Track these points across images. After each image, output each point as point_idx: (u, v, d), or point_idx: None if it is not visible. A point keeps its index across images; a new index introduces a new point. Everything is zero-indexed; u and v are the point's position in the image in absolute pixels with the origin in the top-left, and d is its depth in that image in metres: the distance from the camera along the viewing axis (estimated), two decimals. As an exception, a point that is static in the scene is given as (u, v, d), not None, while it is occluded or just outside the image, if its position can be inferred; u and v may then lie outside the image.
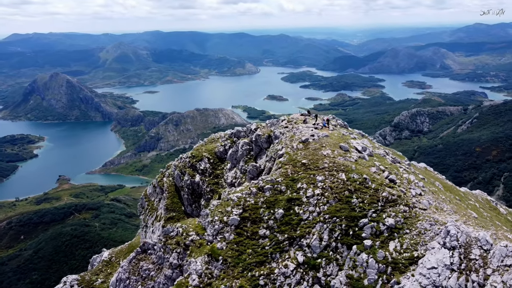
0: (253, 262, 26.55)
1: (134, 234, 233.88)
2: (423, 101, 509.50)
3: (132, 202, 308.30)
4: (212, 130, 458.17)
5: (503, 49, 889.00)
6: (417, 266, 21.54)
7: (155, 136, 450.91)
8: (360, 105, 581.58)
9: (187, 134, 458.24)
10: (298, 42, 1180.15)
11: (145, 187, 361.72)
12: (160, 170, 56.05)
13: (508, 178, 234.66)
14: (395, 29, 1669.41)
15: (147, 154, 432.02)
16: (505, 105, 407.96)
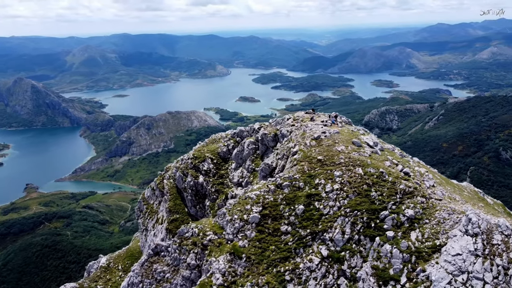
0: (277, 258, 26.80)
1: (108, 241, 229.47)
2: (391, 100, 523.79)
3: (105, 209, 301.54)
4: (185, 133, 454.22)
5: (464, 48, 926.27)
6: (441, 254, 22.34)
7: (126, 140, 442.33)
8: (331, 105, 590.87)
9: (159, 138, 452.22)
10: (268, 44, 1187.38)
11: (117, 193, 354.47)
12: (159, 172, 55.31)
13: (473, 172, 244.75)
14: (361, 30, 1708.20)
15: (119, 159, 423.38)
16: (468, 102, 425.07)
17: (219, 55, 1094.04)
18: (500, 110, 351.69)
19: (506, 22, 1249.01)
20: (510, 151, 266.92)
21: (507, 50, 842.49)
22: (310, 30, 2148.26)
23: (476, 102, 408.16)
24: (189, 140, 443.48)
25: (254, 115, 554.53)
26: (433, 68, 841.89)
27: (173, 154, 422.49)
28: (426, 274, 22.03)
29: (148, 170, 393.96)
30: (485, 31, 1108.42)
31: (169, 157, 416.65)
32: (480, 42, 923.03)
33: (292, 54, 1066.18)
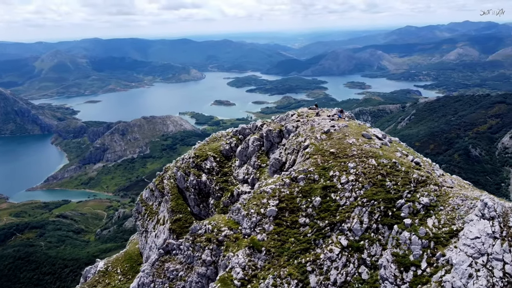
0: (298, 250, 27.04)
1: (84, 250, 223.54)
2: (364, 101, 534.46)
3: (79, 218, 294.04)
4: (160, 138, 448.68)
5: (432, 49, 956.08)
6: (458, 238, 23.09)
7: (100, 147, 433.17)
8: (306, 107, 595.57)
9: (135, 143, 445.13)
10: (242, 47, 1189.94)
11: (92, 201, 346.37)
12: (158, 173, 54.55)
13: (445, 169, 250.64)
14: (333, 33, 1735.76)
15: (93, 166, 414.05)
16: (438, 101, 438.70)
17: (193, 59, 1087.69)
18: (468, 109, 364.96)
19: (470, 25, 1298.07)
20: (479, 149, 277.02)
21: (472, 52, 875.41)
22: (283, 33, 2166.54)
23: (446, 102, 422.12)
24: (165, 145, 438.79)
25: (230, 119, 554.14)
26: (403, 70, 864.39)
27: (149, 159, 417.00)
28: (446, 258, 22.74)
29: (123, 177, 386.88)
30: (451, 33, 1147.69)
31: (145, 162, 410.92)
32: (447, 44, 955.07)
33: (266, 57, 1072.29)
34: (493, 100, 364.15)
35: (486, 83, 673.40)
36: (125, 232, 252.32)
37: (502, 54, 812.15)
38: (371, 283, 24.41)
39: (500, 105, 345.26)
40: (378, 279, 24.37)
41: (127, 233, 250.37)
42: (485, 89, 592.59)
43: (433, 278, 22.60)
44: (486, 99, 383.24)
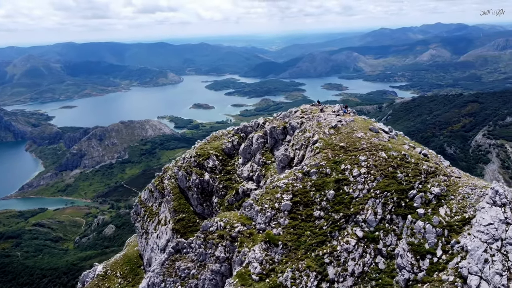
0: (314, 242, 27.31)
1: (63, 259, 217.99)
2: (342, 102, 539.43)
3: (57, 226, 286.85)
4: (139, 142, 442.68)
5: (406, 51, 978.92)
6: (471, 225, 23.83)
7: (77, 153, 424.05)
8: (285, 109, 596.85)
9: (113, 149, 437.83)
10: (219, 50, 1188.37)
11: (70, 208, 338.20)
12: (156, 173, 53.91)
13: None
14: (310, 35, 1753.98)
15: (70, 173, 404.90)
16: (413, 101, 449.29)
17: (170, 63, 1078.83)
18: (443, 108, 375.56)
19: (442, 26, 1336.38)
20: (454, 147, 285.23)
21: (445, 53, 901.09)
22: (260, 36, 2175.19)
23: (421, 102, 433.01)
24: (144, 150, 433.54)
25: (209, 122, 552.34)
26: (379, 71, 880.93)
27: (128, 164, 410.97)
28: (461, 245, 23.44)
29: (102, 183, 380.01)
30: (424, 35, 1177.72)
31: (123, 168, 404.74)
32: (420, 45, 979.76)
33: (244, 60, 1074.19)
34: (466, 100, 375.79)
35: (458, 83, 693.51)
36: (105, 239, 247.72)
37: (472, 55, 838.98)
38: (388, 272, 24.91)
39: (472, 104, 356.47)
40: (395, 268, 24.88)
41: (107, 240, 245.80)
42: (458, 89, 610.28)
43: (449, 265, 23.25)
44: (459, 98, 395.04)
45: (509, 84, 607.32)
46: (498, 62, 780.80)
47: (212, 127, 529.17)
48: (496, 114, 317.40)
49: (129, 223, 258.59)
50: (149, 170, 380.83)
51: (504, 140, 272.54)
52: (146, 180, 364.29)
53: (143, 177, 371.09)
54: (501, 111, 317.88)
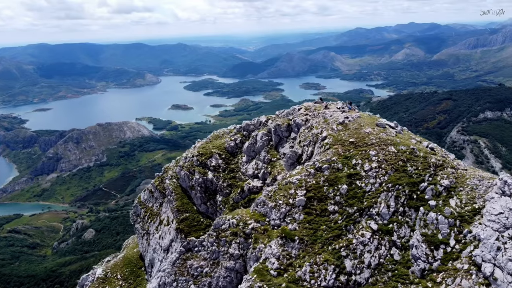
0: (330, 236, 27.75)
1: (41, 265, 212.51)
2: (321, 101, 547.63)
3: (34, 232, 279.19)
4: (118, 145, 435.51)
5: (381, 50, 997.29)
6: (482, 215, 24.71)
7: (53, 156, 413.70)
8: (264, 109, 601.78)
9: (90, 152, 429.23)
10: (197, 51, 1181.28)
11: (47, 213, 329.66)
12: (156, 174, 53.18)
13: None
14: (287, 35, 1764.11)
15: (46, 177, 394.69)
16: (390, 100, 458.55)
17: (147, 64, 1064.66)
18: (418, 106, 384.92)
19: (415, 26, 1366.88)
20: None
21: (418, 52, 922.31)
22: (238, 36, 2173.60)
23: (397, 100, 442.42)
24: (122, 152, 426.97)
25: (188, 123, 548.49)
26: (355, 70, 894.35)
27: (106, 167, 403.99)
28: (473, 234, 24.34)
29: (80, 186, 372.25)
30: (398, 35, 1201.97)
31: (102, 171, 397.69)
32: (394, 44, 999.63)
33: (222, 60, 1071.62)
34: (440, 97, 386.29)
35: (432, 81, 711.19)
36: (85, 243, 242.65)
37: (445, 53, 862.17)
38: (403, 263, 25.58)
39: (447, 101, 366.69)
40: (410, 259, 25.59)
41: (86, 244, 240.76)
42: (432, 87, 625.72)
43: (462, 253, 24.07)
44: (434, 96, 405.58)
45: (481, 82, 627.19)
46: (470, 60, 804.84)
47: (191, 128, 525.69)
48: (469, 111, 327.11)
49: (109, 227, 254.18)
50: (128, 172, 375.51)
51: (478, 136, 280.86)
52: (125, 183, 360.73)
53: (122, 180, 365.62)
54: (474, 108, 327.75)
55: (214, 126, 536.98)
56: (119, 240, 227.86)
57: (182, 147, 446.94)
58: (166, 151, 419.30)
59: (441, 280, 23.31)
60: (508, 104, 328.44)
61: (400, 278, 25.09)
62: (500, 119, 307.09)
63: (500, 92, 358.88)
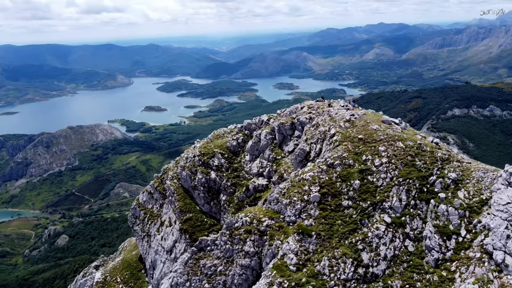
0: (346, 230, 28.37)
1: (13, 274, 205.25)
2: (294, 101, 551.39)
3: (3, 240, 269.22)
4: (90, 148, 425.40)
5: (352, 50, 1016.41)
6: (490, 206, 25.91)
7: (22, 161, 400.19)
8: (238, 109, 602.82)
9: (61, 155, 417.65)
10: (169, 51, 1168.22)
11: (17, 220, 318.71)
12: (155, 175, 52.35)
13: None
14: (260, 36, 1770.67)
15: (15, 183, 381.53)
16: (362, 98, 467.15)
17: (118, 65, 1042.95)
18: (390, 104, 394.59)
19: (384, 26, 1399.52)
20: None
21: (388, 51, 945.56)
22: (210, 37, 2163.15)
23: (369, 99, 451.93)
24: (95, 155, 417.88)
25: (162, 124, 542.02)
26: (328, 70, 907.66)
27: (78, 171, 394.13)
28: (483, 224, 25.49)
29: (51, 192, 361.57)
30: (368, 35, 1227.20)
31: (74, 175, 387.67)
32: (365, 44, 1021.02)
33: (195, 61, 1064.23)
34: (410, 96, 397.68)
35: (402, 80, 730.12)
36: (58, 250, 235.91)
37: (414, 53, 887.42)
38: (417, 254, 26.49)
39: (416, 99, 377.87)
40: (424, 250, 26.56)
41: (60, 251, 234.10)
42: (402, 85, 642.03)
43: (474, 243, 25.22)
44: (404, 94, 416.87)
45: (448, 80, 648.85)
46: (437, 59, 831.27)
47: (165, 130, 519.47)
48: (438, 108, 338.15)
49: (83, 232, 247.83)
50: (102, 176, 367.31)
51: (447, 133, 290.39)
52: (99, 187, 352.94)
53: (96, 184, 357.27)
54: (442, 105, 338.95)
55: (189, 127, 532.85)
56: (94, 245, 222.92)
57: (156, 149, 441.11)
58: (140, 153, 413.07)
59: (455, 269, 24.39)
60: (474, 101, 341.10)
61: (415, 268, 25.95)
62: (467, 116, 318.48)
63: (467, 90, 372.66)
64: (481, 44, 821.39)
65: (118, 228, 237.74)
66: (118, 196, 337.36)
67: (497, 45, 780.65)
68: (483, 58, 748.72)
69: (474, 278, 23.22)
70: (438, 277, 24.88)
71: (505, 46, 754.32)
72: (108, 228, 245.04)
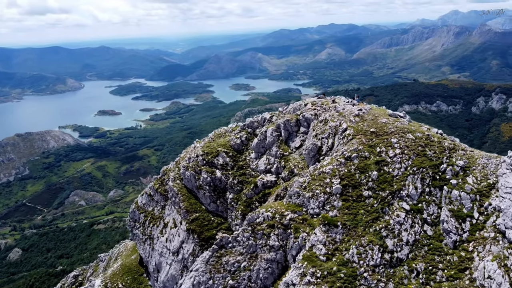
0: (369, 219, 29.71)
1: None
2: (251, 101, 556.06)
3: None
4: (41, 156, 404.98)
5: (305, 50, 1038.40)
6: (497, 189, 28.22)
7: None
8: (196, 111, 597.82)
9: (9, 165, 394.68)
10: (121, 54, 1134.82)
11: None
12: (155, 176, 50.93)
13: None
14: (213, 37, 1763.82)
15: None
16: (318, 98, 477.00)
17: (67, 68, 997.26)
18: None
19: (335, 27, 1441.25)
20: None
21: (339, 51, 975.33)
22: (163, 38, 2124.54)
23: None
24: (47, 163, 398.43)
25: (117, 129, 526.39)
26: (282, 70, 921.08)
27: (29, 181, 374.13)
28: (494, 206, 27.71)
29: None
30: (320, 35, 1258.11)
31: (24, 185, 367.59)
32: (317, 45, 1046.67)
33: (149, 63, 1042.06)
34: (363, 94, 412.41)
35: (354, 79, 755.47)
36: (11, 265, 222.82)
37: (364, 52, 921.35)
38: (436, 238, 28.35)
39: (369, 97, 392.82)
40: (442, 233, 28.50)
41: (13, 265, 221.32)
42: (354, 84, 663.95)
43: (487, 224, 27.37)
44: (358, 92, 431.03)
45: (397, 78, 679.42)
46: (386, 58, 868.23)
47: (121, 134, 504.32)
48: (390, 105, 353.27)
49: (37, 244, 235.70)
50: (55, 184, 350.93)
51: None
52: (52, 196, 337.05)
53: (49, 193, 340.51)
54: (393, 102, 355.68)
55: (146, 130, 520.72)
56: (50, 257, 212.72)
57: (112, 154, 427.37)
58: (95, 159, 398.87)
59: (473, 249, 26.41)
60: (422, 97, 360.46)
61: (435, 251, 27.76)
62: (417, 112, 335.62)
63: (415, 87, 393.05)
64: (426, 44, 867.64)
65: (76, 238, 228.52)
66: (74, 205, 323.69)
67: (440, 44, 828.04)
68: (428, 56, 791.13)
69: (492, 255, 25.25)
70: (457, 258, 26.78)
71: (447, 45, 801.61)
72: (65, 238, 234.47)
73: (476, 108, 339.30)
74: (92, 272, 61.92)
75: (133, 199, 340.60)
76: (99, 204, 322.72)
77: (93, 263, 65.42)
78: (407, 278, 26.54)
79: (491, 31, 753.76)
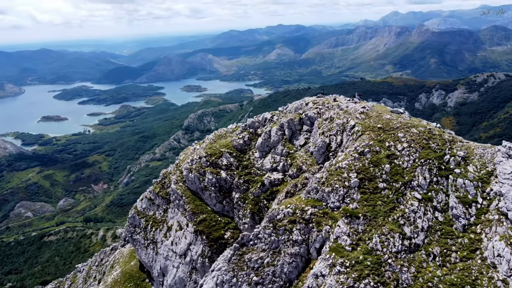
0: (387, 209, 31.48)
1: None
2: (204, 103, 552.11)
3: None
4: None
5: (255, 51, 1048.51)
6: (496, 176, 31.07)
7: None
8: (147, 114, 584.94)
9: None
10: (65, 56, 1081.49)
11: None
12: (154, 180, 49.33)
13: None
14: (162, 38, 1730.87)
15: None
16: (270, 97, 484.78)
17: (5, 73, 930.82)
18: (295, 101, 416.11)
19: (283, 28, 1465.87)
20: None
21: (288, 51, 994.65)
22: (109, 40, 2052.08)
23: (276, 97, 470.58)
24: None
25: (64, 135, 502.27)
26: (233, 71, 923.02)
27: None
28: (495, 191, 30.55)
29: None
30: (269, 36, 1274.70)
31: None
32: (266, 45, 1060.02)
33: (95, 66, 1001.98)
34: (313, 93, 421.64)
35: (303, 78, 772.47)
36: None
37: (312, 52, 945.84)
38: (447, 223, 30.74)
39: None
40: (451, 218, 31.01)
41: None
42: (304, 83, 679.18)
43: (490, 207, 30.09)
44: (308, 92, 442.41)
45: (344, 77, 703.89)
46: (333, 58, 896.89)
47: (68, 140, 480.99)
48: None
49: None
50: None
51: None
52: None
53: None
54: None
55: (95, 136, 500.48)
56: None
57: (60, 161, 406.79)
58: (41, 168, 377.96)
59: (481, 231, 28.99)
60: (369, 95, 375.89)
61: (448, 235, 30.09)
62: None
63: (362, 85, 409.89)
64: (370, 43, 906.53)
65: (24, 252, 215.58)
66: (20, 217, 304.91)
67: (383, 43, 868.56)
68: (372, 55, 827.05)
69: (499, 236, 27.91)
70: (468, 240, 29.20)
71: (389, 45, 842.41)
72: (13, 253, 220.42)
73: (419, 104, 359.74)
74: (71, 283, 59.31)
75: (84, 208, 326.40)
76: (48, 215, 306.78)
77: (70, 275, 62.59)
78: (426, 262, 28.57)
79: (429, 31, 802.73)
